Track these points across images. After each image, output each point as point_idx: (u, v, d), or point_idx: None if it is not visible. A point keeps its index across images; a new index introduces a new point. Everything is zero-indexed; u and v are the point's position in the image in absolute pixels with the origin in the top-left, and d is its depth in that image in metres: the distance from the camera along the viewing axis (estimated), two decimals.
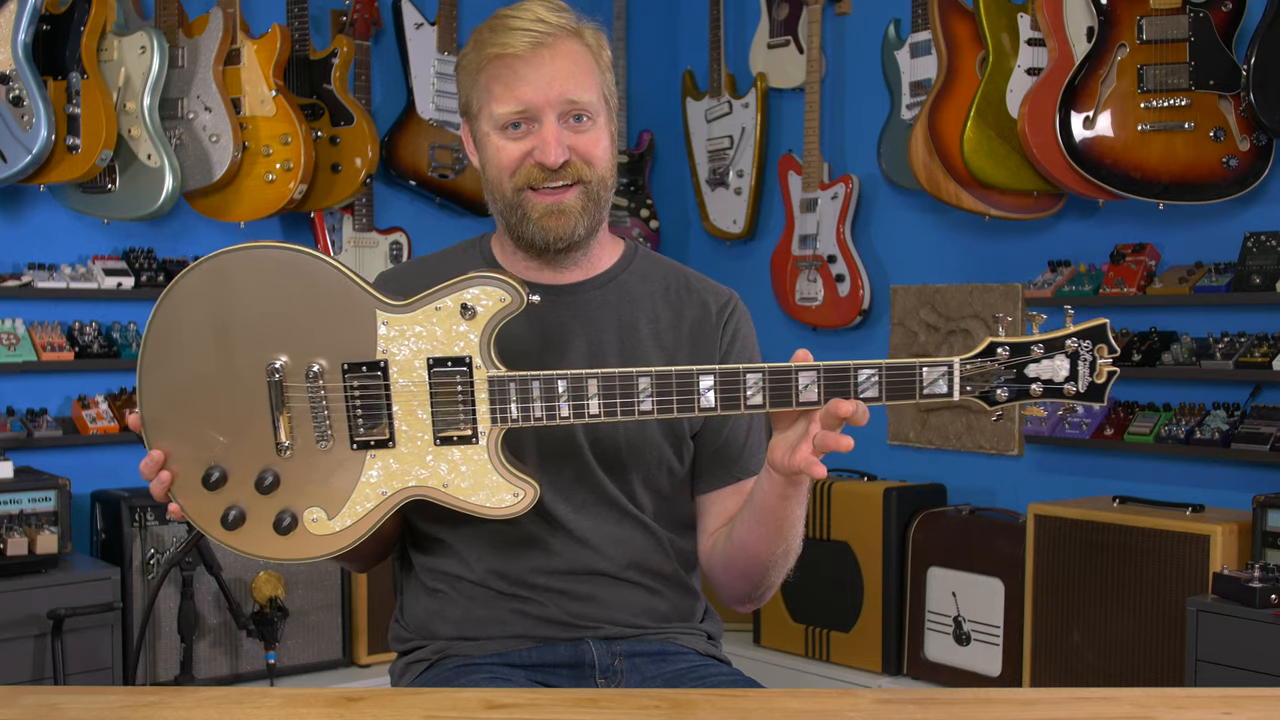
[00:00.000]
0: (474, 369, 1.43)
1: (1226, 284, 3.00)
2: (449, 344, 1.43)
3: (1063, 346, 1.46)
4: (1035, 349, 1.47)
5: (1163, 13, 3.00)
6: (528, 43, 1.58)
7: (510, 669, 1.64)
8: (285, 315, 1.43)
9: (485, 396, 1.43)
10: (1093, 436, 3.21)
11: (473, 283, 1.43)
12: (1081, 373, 1.46)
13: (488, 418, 1.44)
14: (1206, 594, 2.71)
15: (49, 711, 1.32)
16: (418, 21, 3.78)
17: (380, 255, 3.72)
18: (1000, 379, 1.48)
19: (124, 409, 3.27)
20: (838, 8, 3.94)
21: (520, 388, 1.43)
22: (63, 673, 2.81)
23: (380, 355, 1.43)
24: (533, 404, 1.43)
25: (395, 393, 1.44)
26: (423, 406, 1.43)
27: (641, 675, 1.65)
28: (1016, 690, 2.19)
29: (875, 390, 1.45)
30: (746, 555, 1.62)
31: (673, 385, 1.44)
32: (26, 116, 3.00)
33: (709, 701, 1.39)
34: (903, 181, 3.65)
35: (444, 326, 1.43)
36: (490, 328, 1.43)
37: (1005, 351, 1.47)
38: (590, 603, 1.65)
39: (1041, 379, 1.47)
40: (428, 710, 1.35)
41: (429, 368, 1.43)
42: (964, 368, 1.47)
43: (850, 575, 3.47)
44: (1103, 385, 1.47)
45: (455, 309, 1.42)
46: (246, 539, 1.47)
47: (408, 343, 1.42)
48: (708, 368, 1.45)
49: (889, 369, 1.45)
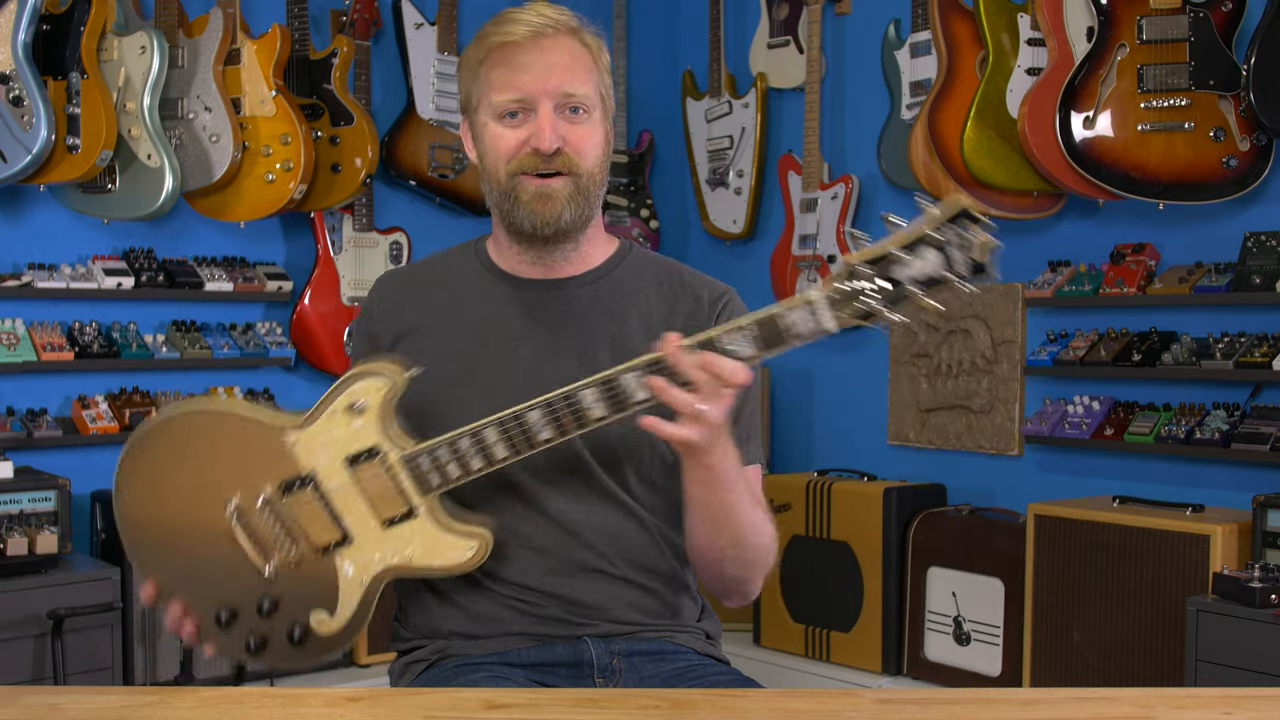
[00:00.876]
0: (385, 455, 1.54)
1: (1226, 284, 3.00)
2: (354, 442, 1.54)
3: (925, 240, 1.40)
4: (896, 253, 1.41)
5: (1163, 13, 3.00)
6: (528, 32, 1.63)
7: (509, 668, 1.64)
8: (219, 465, 1.58)
9: (405, 474, 1.53)
10: (1093, 436, 3.21)
11: (351, 382, 1.55)
12: (957, 257, 1.40)
13: (416, 491, 1.54)
14: (1206, 594, 2.71)
15: (49, 711, 1.32)
16: (418, 21, 3.78)
17: (380, 255, 3.72)
18: (875, 294, 1.42)
19: (124, 409, 3.27)
20: (838, 8, 3.94)
21: (435, 459, 1.53)
22: (63, 673, 2.81)
23: (305, 470, 1.55)
24: (447, 466, 1.52)
25: (333, 496, 1.55)
26: (359, 500, 1.54)
27: (640, 675, 1.65)
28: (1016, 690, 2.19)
29: (750, 351, 1.44)
30: (697, 552, 1.64)
31: (561, 408, 1.49)
32: (26, 116, 3.00)
33: (709, 701, 1.39)
34: (903, 181, 3.65)
35: (342, 428, 1.54)
36: (383, 413, 1.54)
37: (866, 267, 1.42)
38: (586, 601, 1.65)
39: (916, 277, 1.41)
40: (428, 710, 1.35)
41: (348, 466, 1.54)
42: (830, 298, 1.43)
43: (850, 575, 3.47)
44: (986, 265, 1.40)
45: (343, 410, 1.54)
46: (274, 657, 1.60)
47: (323, 451, 1.54)
48: (587, 383, 1.48)
49: (758, 325, 1.43)
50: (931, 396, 3.65)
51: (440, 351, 1.71)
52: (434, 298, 1.75)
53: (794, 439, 4.12)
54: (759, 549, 1.62)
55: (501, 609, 1.66)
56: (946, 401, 3.62)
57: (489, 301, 1.72)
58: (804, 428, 4.10)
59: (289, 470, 1.56)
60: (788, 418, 4.13)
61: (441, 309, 1.74)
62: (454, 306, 1.73)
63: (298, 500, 1.55)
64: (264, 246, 3.64)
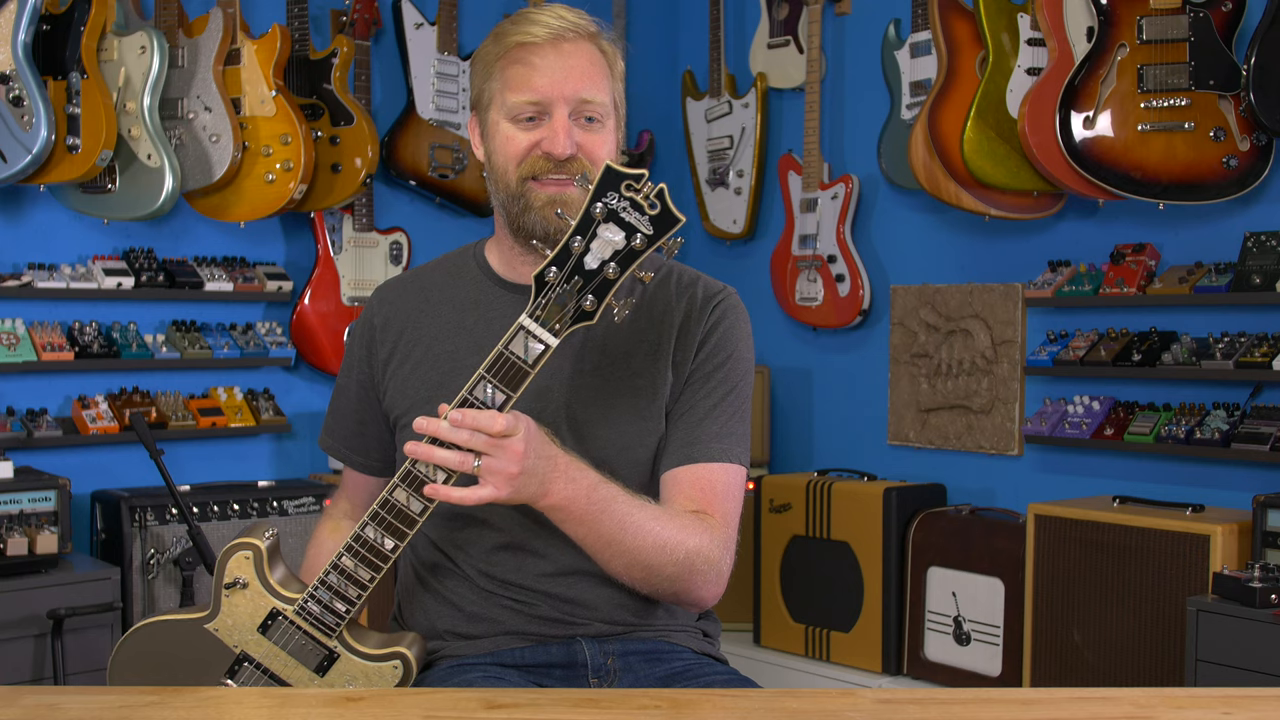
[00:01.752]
0: (283, 614, 1.60)
1: (1226, 284, 3.00)
2: (257, 612, 1.61)
3: (593, 219, 1.39)
4: (574, 244, 1.40)
5: (1163, 13, 3.00)
6: (548, 34, 1.61)
7: (504, 669, 1.64)
8: (173, 672, 1.64)
9: (308, 624, 1.59)
10: (1093, 436, 3.20)
11: (224, 562, 1.61)
12: (635, 220, 1.38)
13: (324, 636, 1.59)
14: (1206, 594, 2.71)
15: (49, 711, 1.32)
16: (418, 21, 3.78)
17: (380, 255, 3.72)
18: (574, 292, 1.41)
19: (124, 409, 3.27)
20: (838, 8, 3.94)
21: (319, 600, 1.57)
22: (63, 673, 2.81)
23: (237, 650, 1.62)
24: (333, 604, 1.57)
25: (268, 663, 1.61)
26: (287, 659, 1.61)
27: (635, 675, 1.65)
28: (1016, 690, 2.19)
29: (501, 395, 1.45)
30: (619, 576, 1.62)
31: (385, 516, 1.52)
32: (26, 116, 3.00)
33: (709, 701, 1.39)
34: (903, 181, 3.65)
35: (241, 604, 1.61)
36: (262, 580, 1.60)
37: (554, 271, 1.41)
38: (578, 602, 1.65)
39: (606, 259, 1.39)
40: (428, 710, 1.34)
41: (263, 634, 1.61)
42: (536, 315, 1.42)
43: (850, 575, 3.47)
44: (663, 210, 1.37)
45: (231, 591, 1.61)
46: None
47: (238, 630, 1.62)
48: (392, 483, 1.51)
49: (492, 372, 1.44)
50: (931, 396, 3.65)
51: (439, 360, 1.71)
52: (433, 306, 1.75)
53: (794, 439, 4.12)
54: (675, 564, 1.57)
55: (496, 608, 1.66)
56: (946, 401, 3.62)
57: (485, 308, 1.72)
58: (804, 428, 4.10)
59: (226, 656, 1.62)
60: (788, 418, 4.13)
61: (440, 317, 1.74)
62: (452, 314, 1.73)
63: (246, 679, 1.62)
64: (264, 246, 3.64)
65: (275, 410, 3.54)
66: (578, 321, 1.42)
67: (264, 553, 1.61)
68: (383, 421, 1.79)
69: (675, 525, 1.58)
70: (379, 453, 1.82)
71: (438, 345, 1.72)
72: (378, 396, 1.78)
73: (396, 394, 1.74)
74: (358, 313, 3.62)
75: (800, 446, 4.11)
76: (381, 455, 1.83)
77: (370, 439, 1.82)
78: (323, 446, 1.89)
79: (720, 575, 1.63)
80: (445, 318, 1.73)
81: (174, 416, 3.34)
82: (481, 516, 1.67)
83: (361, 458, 1.84)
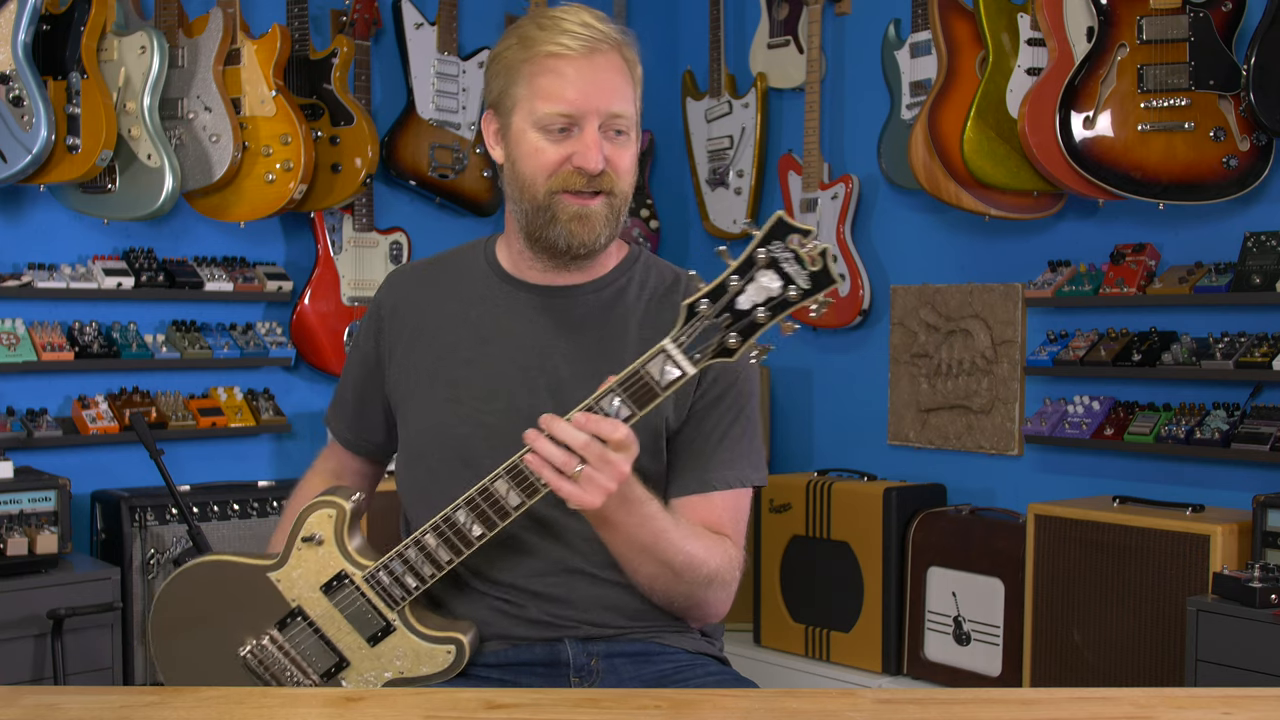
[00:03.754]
0: (351, 578, 1.61)
1: (1226, 284, 3.00)
2: (323, 571, 1.62)
3: (755, 263, 1.40)
4: (732, 282, 1.41)
5: (1163, 13, 3.00)
6: (582, 46, 1.62)
7: (486, 669, 1.65)
8: (228, 612, 1.66)
9: (372, 593, 1.60)
10: (1093, 436, 3.20)
11: (306, 515, 1.63)
12: (793, 272, 1.39)
13: (386, 607, 1.60)
14: (1206, 594, 2.71)
15: (49, 711, 1.32)
16: (418, 21, 3.78)
17: (380, 255, 3.72)
18: (722, 328, 1.42)
19: (124, 409, 3.27)
20: (838, 8, 3.94)
21: (391, 571, 1.59)
22: (63, 673, 2.81)
23: (293, 605, 1.63)
24: (404, 578, 1.58)
25: (322, 625, 1.63)
26: (343, 624, 1.62)
27: (619, 676, 1.65)
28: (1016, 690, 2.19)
29: (626, 411, 1.46)
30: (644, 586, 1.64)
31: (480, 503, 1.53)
32: (26, 116, 3.00)
33: (709, 701, 1.39)
34: (903, 181, 3.65)
35: (310, 559, 1.63)
36: (339, 538, 1.61)
37: (707, 304, 1.43)
38: (567, 603, 1.65)
39: (760, 303, 1.40)
40: (428, 710, 1.35)
41: (325, 594, 1.62)
42: (680, 342, 1.44)
43: (850, 575, 3.47)
44: (823, 269, 1.38)
45: (304, 544, 1.63)
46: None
47: (300, 584, 1.63)
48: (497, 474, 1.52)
49: (623, 387, 1.45)
50: (931, 396, 3.65)
51: (442, 349, 1.72)
52: (442, 299, 1.76)
53: (794, 439, 4.12)
54: (696, 582, 1.61)
55: (484, 610, 1.67)
56: (946, 401, 3.62)
57: (496, 306, 1.73)
58: (804, 428, 4.10)
59: (281, 608, 1.63)
60: (788, 418, 4.13)
61: (449, 311, 1.74)
62: (461, 309, 1.74)
63: (296, 634, 1.63)
64: (264, 246, 3.64)
65: (275, 410, 3.54)
66: (718, 356, 1.43)
67: (347, 514, 1.62)
68: (382, 405, 1.82)
69: (702, 545, 1.62)
70: (375, 434, 1.86)
71: (441, 336, 1.73)
72: (382, 380, 1.80)
73: (398, 380, 1.77)
74: (358, 313, 3.62)
75: (800, 446, 4.11)
76: (373, 437, 1.86)
77: (368, 421, 1.85)
78: (326, 421, 1.93)
79: (731, 595, 1.68)
80: (451, 310, 1.74)
81: (174, 416, 3.34)
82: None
83: (352, 435, 1.87)
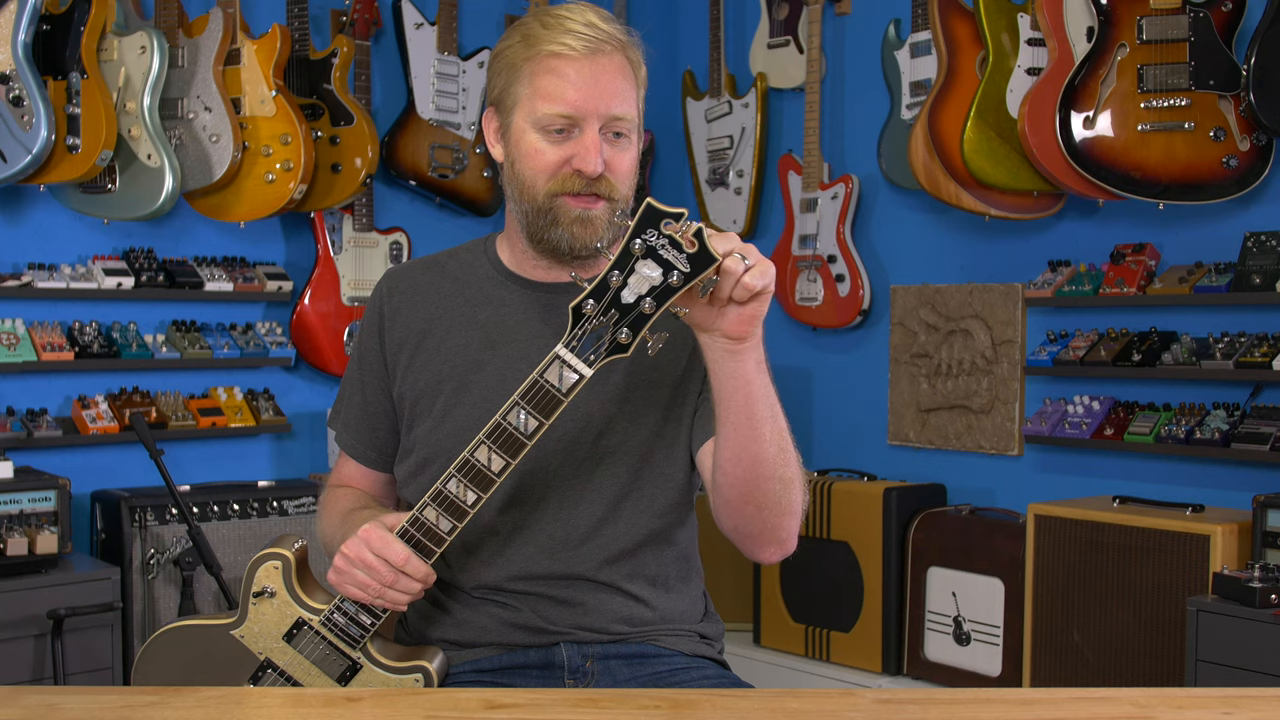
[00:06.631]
0: (309, 623, 1.61)
1: (1226, 284, 3.00)
2: (283, 620, 1.63)
3: (632, 254, 1.38)
4: (612, 278, 1.40)
5: (1163, 13, 3.00)
6: (585, 47, 1.61)
7: (479, 673, 1.65)
8: (199, 675, 1.65)
9: (333, 635, 1.61)
10: (1093, 436, 3.20)
11: (251, 574, 1.63)
12: (672, 258, 1.38)
13: (349, 647, 1.60)
14: (1206, 594, 2.71)
15: (49, 711, 1.32)
16: (418, 21, 3.78)
17: (380, 255, 3.72)
18: (612, 326, 1.41)
19: (124, 409, 3.27)
20: (838, 8, 3.94)
21: (345, 613, 1.58)
22: (63, 673, 2.81)
23: (261, 658, 1.63)
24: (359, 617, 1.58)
25: (291, 671, 1.62)
26: (311, 668, 1.62)
27: (614, 678, 1.65)
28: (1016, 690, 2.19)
29: (534, 422, 1.46)
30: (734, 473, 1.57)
31: None
32: (26, 116, 3.00)
33: (709, 701, 1.39)
34: (903, 181, 3.65)
35: (268, 611, 1.63)
36: (290, 589, 1.62)
37: (592, 304, 1.41)
38: (566, 607, 1.65)
39: (643, 294, 1.39)
40: (428, 710, 1.35)
41: (288, 643, 1.62)
42: (572, 345, 1.43)
43: (850, 575, 3.47)
44: (701, 249, 1.37)
45: (259, 600, 1.63)
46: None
47: (264, 637, 1.63)
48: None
49: (526, 399, 1.46)
50: (931, 396, 3.65)
51: (450, 352, 1.71)
52: (444, 298, 1.75)
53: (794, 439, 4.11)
54: (791, 467, 1.58)
55: (484, 616, 1.66)
56: (946, 401, 3.62)
57: (498, 303, 1.72)
58: (804, 428, 4.09)
59: (250, 663, 1.63)
60: (788, 417, 4.12)
61: (451, 309, 1.73)
62: (464, 307, 1.73)
63: (269, 685, 1.63)
64: (264, 246, 3.64)
65: (275, 410, 3.54)
66: (612, 354, 1.43)
67: (293, 563, 1.63)
68: (391, 412, 1.77)
69: (789, 444, 1.61)
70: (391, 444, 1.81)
71: (450, 338, 1.71)
72: (389, 385, 1.76)
73: (407, 385, 1.73)
74: (358, 313, 3.62)
75: (800, 446, 4.09)
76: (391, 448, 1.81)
77: (382, 434, 1.80)
78: (337, 440, 1.87)
79: (799, 520, 1.63)
80: (457, 311, 1.73)
81: (174, 416, 3.34)
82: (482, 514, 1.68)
83: (376, 454, 1.81)
